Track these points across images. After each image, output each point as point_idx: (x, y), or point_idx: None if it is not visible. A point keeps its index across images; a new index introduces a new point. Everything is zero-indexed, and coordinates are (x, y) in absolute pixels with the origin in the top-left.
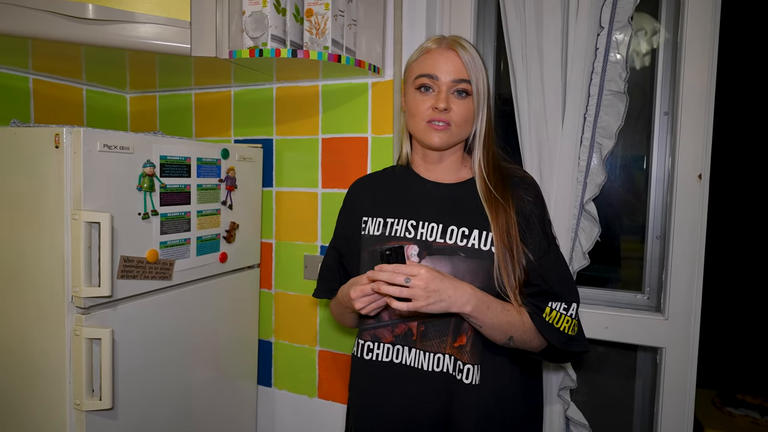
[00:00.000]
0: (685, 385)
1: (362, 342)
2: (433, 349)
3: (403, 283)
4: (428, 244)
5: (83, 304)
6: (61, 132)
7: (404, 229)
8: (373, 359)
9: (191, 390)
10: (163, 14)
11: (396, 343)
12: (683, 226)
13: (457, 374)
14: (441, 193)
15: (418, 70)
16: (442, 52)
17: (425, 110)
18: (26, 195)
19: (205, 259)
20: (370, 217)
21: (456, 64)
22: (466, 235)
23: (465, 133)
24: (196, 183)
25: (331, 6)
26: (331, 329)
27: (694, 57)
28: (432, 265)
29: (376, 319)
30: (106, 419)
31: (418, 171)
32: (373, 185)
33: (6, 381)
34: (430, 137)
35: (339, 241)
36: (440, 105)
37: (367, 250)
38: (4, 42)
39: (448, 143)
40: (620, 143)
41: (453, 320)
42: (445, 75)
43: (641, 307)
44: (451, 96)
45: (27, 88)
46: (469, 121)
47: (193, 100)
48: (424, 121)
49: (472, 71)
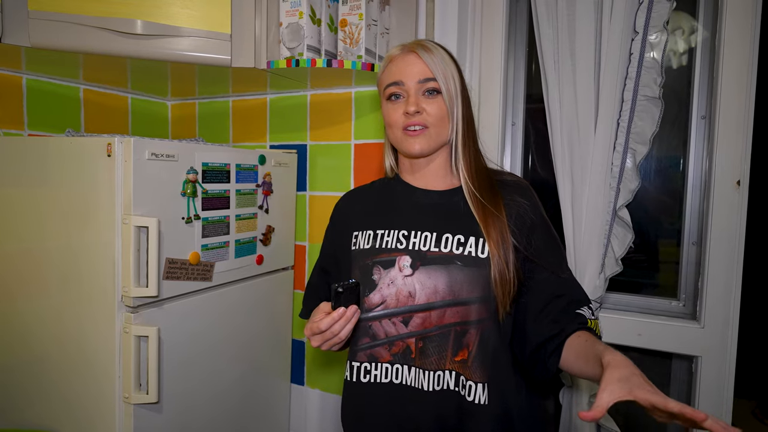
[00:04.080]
0: (722, 394)
1: (357, 364)
2: (432, 366)
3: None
4: (422, 254)
5: (132, 304)
6: (113, 141)
7: (395, 240)
8: (371, 381)
9: (229, 386)
10: (206, 28)
11: (394, 362)
12: (720, 233)
13: (461, 390)
14: (432, 200)
15: (385, 80)
16: (404, 57)
17: (399, 118)
18: (80, 200)
19: (242, 261)
20: (361, 230)
21: (419, 66)
22: (461, 243)
23: (444, 133)
24: (234, 188)
25: (364, 16)
26: None
27: (732, 57)
28: (427, 275)
29: (371, 337)
30: (152, 412)
31: (407, 180)
32: (360, 198)
33: (61, 374)
34: (410, 145)
35: (325, 260)
36: (410, 108)
37: (358, 265)
38: (60, 56)
39: (429, 147)
40: (655, 148)
41: (453, 333)
42: (409, 78)
43: (676, 315)
44: (420, 97)
45: (78, 97)
46: (445, 119)
47: (231, 106)
48: (400, 129)
49: (438, 69)
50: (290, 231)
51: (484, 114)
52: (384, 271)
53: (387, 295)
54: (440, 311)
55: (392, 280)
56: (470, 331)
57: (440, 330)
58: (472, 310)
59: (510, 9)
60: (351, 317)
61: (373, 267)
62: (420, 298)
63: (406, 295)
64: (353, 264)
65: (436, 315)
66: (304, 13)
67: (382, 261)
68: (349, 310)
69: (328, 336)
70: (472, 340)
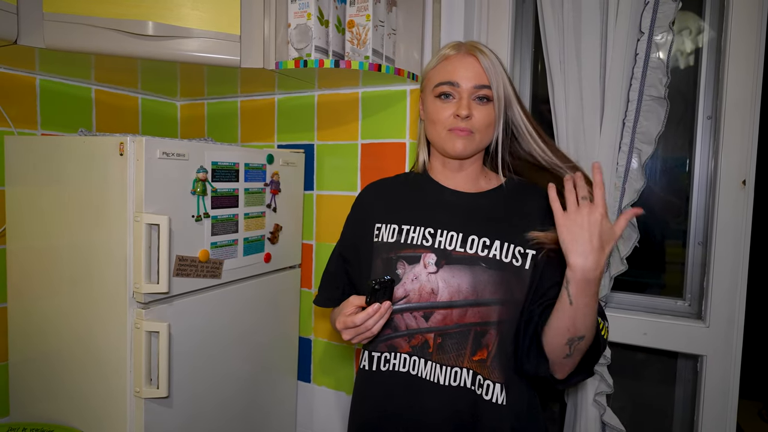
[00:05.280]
0: (727, 394)
1: (378, 354)
2: (450, 362)
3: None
4: (446, 253)
5: (143, 300)
6: (125, 141)
7: (421, 236)
8: (390, 369)
9: (237, 381)
10: (215, 29)
11: (413, 354)
12: (726, 233)
13: (477, 389)
14: (461, 201)
15: (437, 77)
16: (462, 58)
17: (446, 118)
18: (93, 198)
19: (251, 259)
20: (384, 223)
21: (476, 70)
22: (487, 246)
23: (486, 140)
24: (243, 187)
25: (372, 17)
26: None
27: (738, 57)
28: (452, 274)
29: (392, 328)
30: (162, 407)
31: (436, 178)
32: (386, 190)
33: (74, 368)
34: (453, 144)
35: (346, 248)
36: (462, 112)
37: (381, 257)
38: (72, 57)
39: (471, 151)
40: (661, 148)
41: (473, 333)
42: (465, 81)
43: (681, 314)
44: (472, 102)
45: (90, 97)
46: (491, 127)
47: (239, 106)
48: (445, 129)
49: (493, 76)
50: (297, 230)
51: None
52: (409, 266)
53: (410, 289)
54: (462, 310)
55: (416, 275)
56: (490, 331)
57: (460, 328)
58: (494, 312)
59: (516, 10)
60: (384, 313)
61: (398, 261)
62: (443, 296)
63: (429, 292)
64: (375, 255)
65: (458, 313)
66: (312, 15)
67: (407, 256)
68: (383, 306)
69: (361, 330)
70: (491, 341)
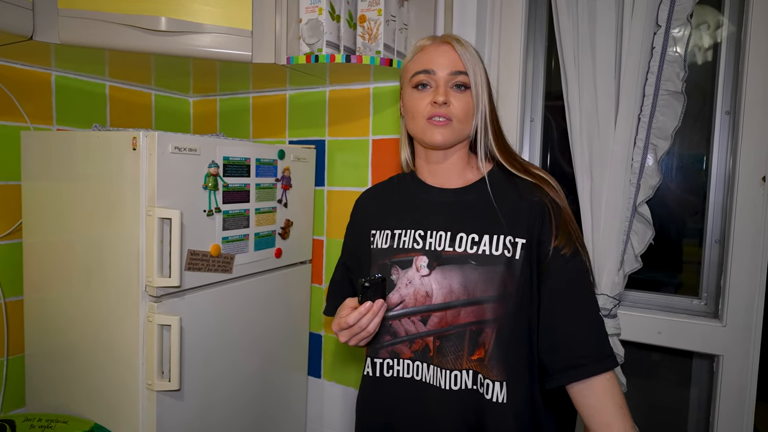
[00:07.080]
0: (744, 395)
1: (380, 361)
2: (449, 366)
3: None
4: (437, 254)
5: (155, 293)
6: (138, 135)
7: (412, 240)
8: (394, 376)
9: (247, 376)
10: (227, 24)
11: (415, 359)
12: (744, 231)
13: (479, 388)
14: (447, 199)
15: (413, 68)
16: (437, 46)
17: (424, 107)
18: (106, 192)
19: (262, 254)
20: (378, 229)
21: (452, 57)
22: (476, 242)
23: (466, 128)
24: (254, 182)
25: (383, 11)
26: None
27: (758, 52)
28: (443, 275)
29: (392, 335)
30: (174, 399)
31: (423, 177)
32: (379, 197)
33: (87, 361)
34: (432, 134)
35: (348, 257)
36: (439, 98)
37: (377, 264)
38: (86, 53)
39: (451, 140)
40: (677, 143)
41: (468, 333)
42: (441, 69)
43: (698, 313)
44: (449, 90)
45: (104, 93)
46: (470, 115)
47: (251, 102)
48: (424, 118)
49: (469, 63)
50: (308, 225)
51: (503, 110)
52: (402, 271)
53: (405, 294)
54: (456, 311)
55: (410, 280)
56: (486, 330)
57: (456, 329)
58: (488, 309)
59: (529, 3)
60: (378, 311)
61: (392, 267)
62: (437, 298)
63: (424, 295)
64: (372, 262)
65: (452, 314)
66: (324, 9)
67: (400, 261)
68: (375, 304)
69: (356, 330)
70: (488, 339)
